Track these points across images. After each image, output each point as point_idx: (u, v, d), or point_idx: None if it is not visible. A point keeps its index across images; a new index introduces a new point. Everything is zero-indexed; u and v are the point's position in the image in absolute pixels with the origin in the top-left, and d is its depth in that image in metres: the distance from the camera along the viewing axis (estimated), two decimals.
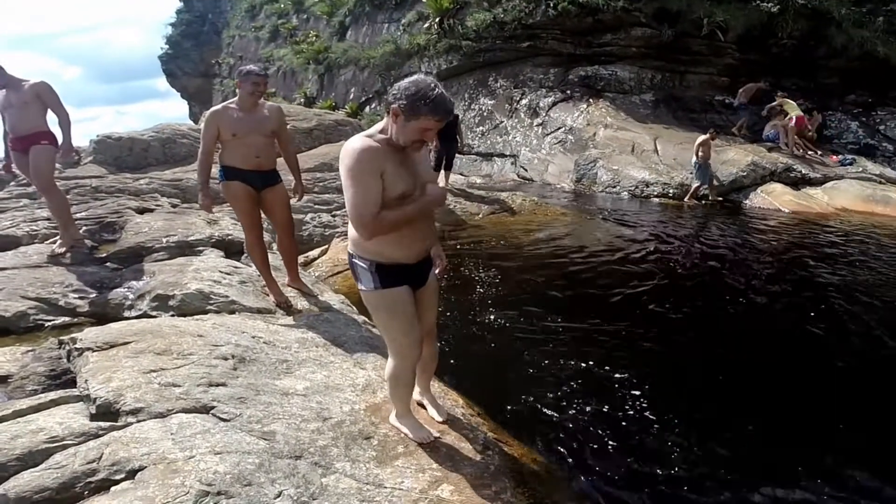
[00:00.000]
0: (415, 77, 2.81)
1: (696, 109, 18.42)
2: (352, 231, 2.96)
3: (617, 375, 5.11)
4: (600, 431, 4.30)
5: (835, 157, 15.80)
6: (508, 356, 5.47)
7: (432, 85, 2.74)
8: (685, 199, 14.03)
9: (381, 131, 2.87)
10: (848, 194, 13.72)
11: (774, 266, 8.51)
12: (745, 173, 14.21)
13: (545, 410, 4.55)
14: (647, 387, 4.95)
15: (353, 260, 3.08)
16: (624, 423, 4.42)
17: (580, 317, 6.36)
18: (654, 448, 4.11)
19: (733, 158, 14.75)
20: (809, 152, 15.81)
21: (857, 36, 16.51)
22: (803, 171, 14.65)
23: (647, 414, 4.53)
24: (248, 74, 5.12)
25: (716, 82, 18.87)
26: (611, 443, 4.17)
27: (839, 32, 16.75)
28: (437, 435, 3.53)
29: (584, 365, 5.29)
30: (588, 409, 4.59)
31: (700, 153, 13.79)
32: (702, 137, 14.03)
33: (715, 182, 14.17)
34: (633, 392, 4.86)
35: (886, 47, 16.37)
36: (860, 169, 14.95)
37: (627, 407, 4.64)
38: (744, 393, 4.91)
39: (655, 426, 4.38)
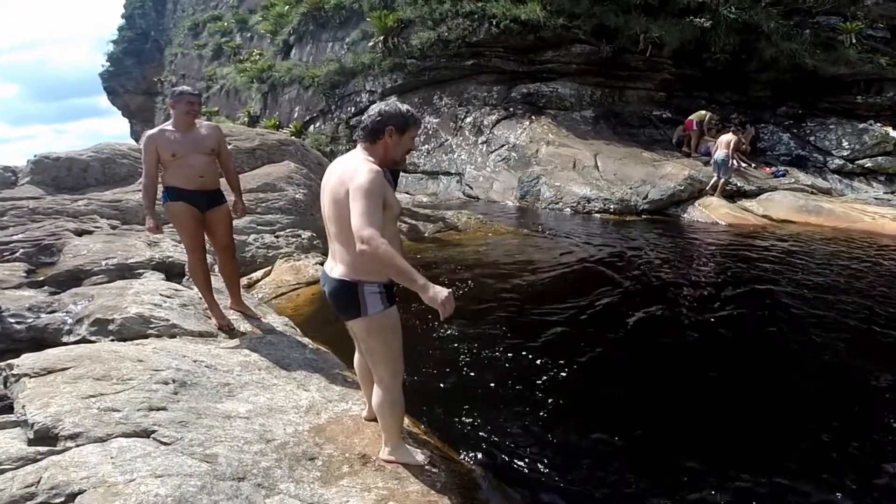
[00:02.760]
0: (379, 104, 3.22)
1: (634, 124, 18.78)
2: (356, 257, 3.02)
3: (562, 390, 5.19)
4: (547, 447, 4.36)
5: (768, 168, 16.29)
6: (453, 373, 5.49)
7: (399, 104, 3.25)
8: (714, 195, 14.48)
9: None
10: (782, 205, 14.14)
11: (714, 277, 8.76)
12: (682, 187, 14.57)
13: (492, 427, 4.58)
14: (594, 401, 5.07)
15: (362, 287, 3.13)
16: (571, 438, 4.48)
17: (524, 332, 6.43)
18: (602, 462, 4.17)
19: (671, 173, 15.10)
20: (744, 165, 16.29)
21: (786, 48, 17.11)
22: (738, 184, 15.07)
23: (593, 427, 4.60)
24: (182, 95, 5.15)
25: (653, 97, 19.37)
26: (558, 458, 4.22)
27: (769, 45, 17.33)
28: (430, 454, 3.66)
29: (529, 380, 5.35)
30: (535, 424, 4.64)
31: (728, 149, 14.26)
32: (730, 136, 14.63)
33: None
34: (580, 406, 4.95)
35: (814, 59, 16.98)
36: (793, 180, 15.46)
37: (574, 421, 4.71)
38: (693, 408, 4.99)
39: (602, 439, 4.45)
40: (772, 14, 17.62)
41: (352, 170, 3.03)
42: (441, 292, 2.78)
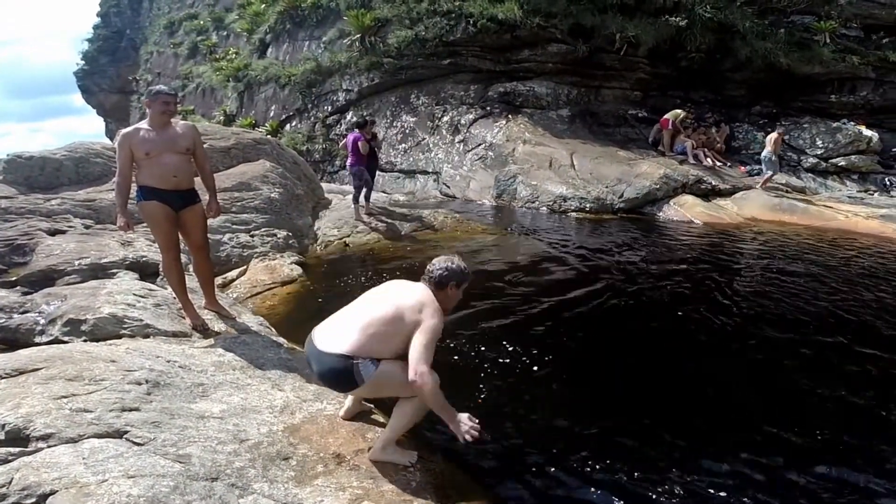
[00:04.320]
0: (446, 262, 3.75)
1: (610, 124, 18.91)
2: (369, 344, 3.41)
3: (538, 386, 5.22)
4: (523, 445, 4.37)
5: (743, 167, 16.50)
6: None
7: (459, 261, 3.82)
8: (758, 186, 15.02)
9: None
10: (756, 204, 14.32)
11: (687, 274, 8.81)
12: (657, 186, 14.64)
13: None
14: (569, 396, 5.09)
15: (357, 364, 3.39)
16: (547, 435, 4.50)
17: (499, 328, 6.45)
18: (578, 462, 4.17)
19: (646, 172, 15.20)
20: (718, 163, 16.45)
21: (760, 48, 17.32)
22: (713, 183, 15.22)
23: (568, 423, 4.63)
24: (158, 94, 5.14)
25: (629, 96, 19.53)
26: (534, 456, 4.23)
27: (744, 45, 17.53)
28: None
29: (503, 377, 5.37)
30: (510, 422, 4.65)
31: (773, 146, 14.80)
32: (775, 135, 15.09)
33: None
34: (555, 402, 4.98)
35: (788, 58, 17.20)
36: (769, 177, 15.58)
37: (550, 418, 4.74)
38: (670, 405, 5.04)
39: (577, 434, 4.48)
40: (746, 13, 17.84)
41: (430, 305, 3.52)
42: (462, 424, 3.35)
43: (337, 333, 3.48)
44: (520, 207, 15.48)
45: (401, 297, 3.56)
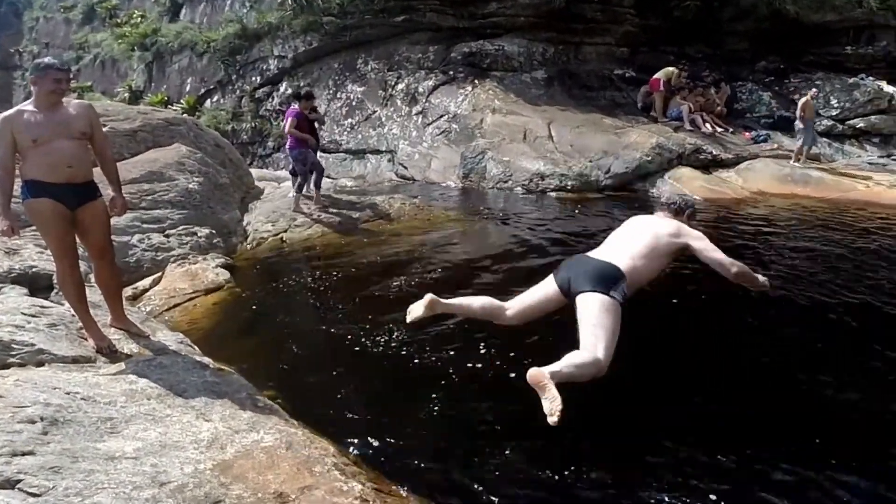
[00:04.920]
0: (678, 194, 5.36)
1: (593, 86, 19.00)
2: (640, 273, 4.98)
3: (521, 397, 5.19)
4: (494, 472, 4.32)
5: (747, 133, 16.66)
6: (386, 392, 5.45)
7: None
8: (793, 161, 15.05)
9: None
10: (764, 175, 14.56)
11: (686, 260, 8.86)
12: (649, 158, 14.80)
13: (432, 452, 4.54)
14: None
15: (623, 282, 4.75)
16: (522, 460, 4.45)
17: (473, 338, 6.38)
18: (562, 484, 4.16)
19: (636, 142, 15.36)
20: (719, 129, 16.58)
21: None
22: (714, 152, 15.43)
23: (550, 446, 4.61)
24: (48, 69, 5.00)
25: (614, 53, 19.63)
26: (506, 484, 4.19)
27: None
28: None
29: (473, 396, 5.32)
30: (481, 447, 4.60)
31: (804, 113, 14.86)
32: (804, 99, 15.13)
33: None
34: (531, 425, 4.97)
35: (796, 5, 17.38)
36: (776, 146, 15.82)
37: (526, 442, 4.69)
38: (669, 406, 5.06)
39: (560, 457, 4.45)
40: None
41: (684, 227, 5.36)
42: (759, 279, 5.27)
43: (612, 256, 4.95)
44: (490, 188, 15.47)
45: (654, 226, 5.23)
